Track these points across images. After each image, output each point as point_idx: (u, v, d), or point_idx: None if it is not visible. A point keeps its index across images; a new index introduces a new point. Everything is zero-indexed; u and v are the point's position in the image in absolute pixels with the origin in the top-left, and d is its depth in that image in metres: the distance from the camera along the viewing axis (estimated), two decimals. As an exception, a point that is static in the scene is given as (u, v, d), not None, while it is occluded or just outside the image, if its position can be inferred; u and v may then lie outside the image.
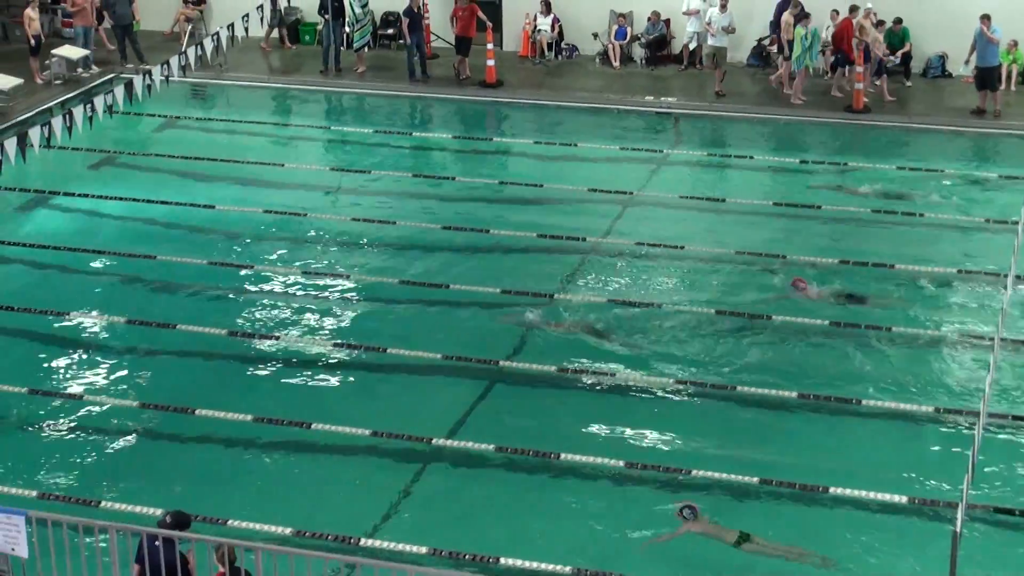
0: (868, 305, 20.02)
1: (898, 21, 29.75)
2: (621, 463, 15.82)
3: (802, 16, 28.34)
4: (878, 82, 29.03)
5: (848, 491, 15.11)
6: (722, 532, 14.63)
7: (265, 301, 20.52)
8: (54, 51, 31.12)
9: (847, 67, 28.92)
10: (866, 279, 20.86)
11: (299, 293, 20.78)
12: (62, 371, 18.64)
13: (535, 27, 31.86)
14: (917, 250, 21.92)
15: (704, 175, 26.04)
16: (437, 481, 15.90)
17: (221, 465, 16.33)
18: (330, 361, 18.77)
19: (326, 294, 20.78)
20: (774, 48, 30.29)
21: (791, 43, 28.65)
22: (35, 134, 22.23)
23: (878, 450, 16.35)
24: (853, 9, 28.78)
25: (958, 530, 11.53)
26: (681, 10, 30.14)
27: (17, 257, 22.29)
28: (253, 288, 20.98)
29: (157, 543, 11.66)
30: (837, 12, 29.17)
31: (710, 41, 29.12)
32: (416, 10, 30.43)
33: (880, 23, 29.33)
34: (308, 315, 20.11)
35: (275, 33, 33.26)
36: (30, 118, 27.95)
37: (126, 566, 11.55)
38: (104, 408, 17.52)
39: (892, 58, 29.54)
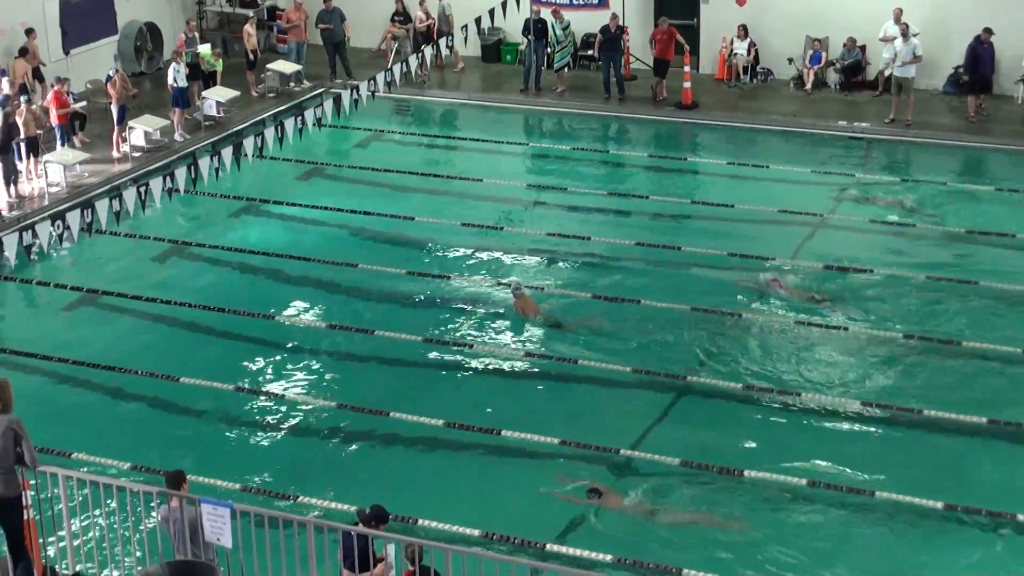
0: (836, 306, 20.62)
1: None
2: (803, 482, 15.98)
3: None
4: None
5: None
6: (635, 506, 15.34)
7: (460, 310, 21.03)
8: (269, 66, 32.14)
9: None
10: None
11: (493, 304, 21.23)
12: (266, 371, 19.43)
13: (731, 51, 31.93)
14: None
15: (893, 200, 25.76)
16: (623, 491, 16.10)
17: (413, 466, 16.87)
18: (521, 370, 19.22)
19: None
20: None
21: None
22: (249, 144, 23.10)
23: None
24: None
25: None
26: (878, 36, 29.91)
27: (228, 261, 23.22)
28: (448, 297, 21.51)
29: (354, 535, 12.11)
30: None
31: (897, 71, 28.83)
32: (613, 30, 30.79)
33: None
34: (501, 325, 20.58)
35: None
36: (244, 129, 28.98)
37: (322, 561, 11.85)
38: (304, 407, 18.25)
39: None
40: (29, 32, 29.09)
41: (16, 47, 28.87)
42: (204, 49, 30.55)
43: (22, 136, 25.35)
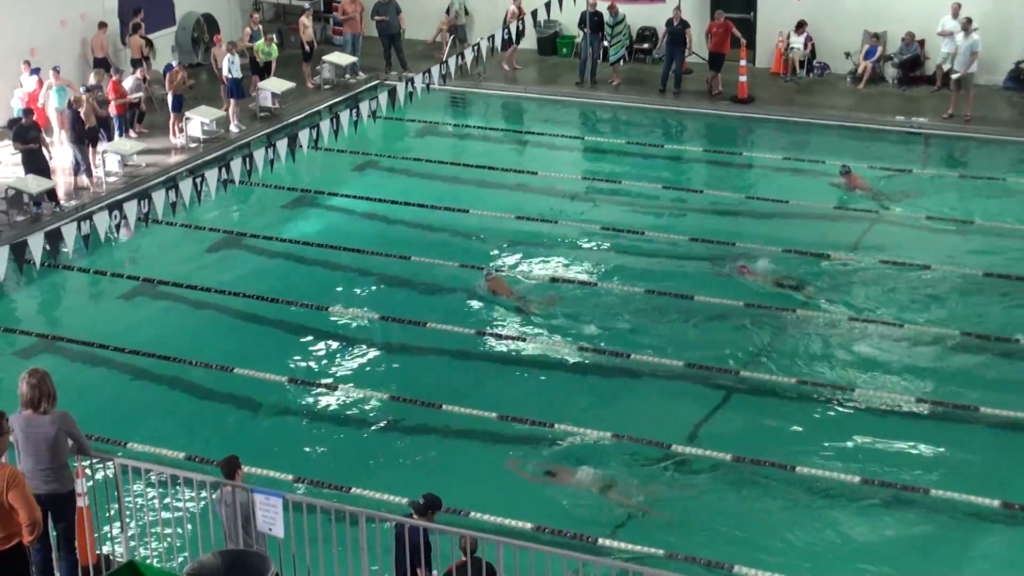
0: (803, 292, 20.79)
1: None
2: (857, 479, 15.90)
3: None
4: None
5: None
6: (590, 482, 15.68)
7: (513, 303, 21.03)
8: (324, 57, 32.27)
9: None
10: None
11: (545, 297, 21.18)
12: (319, 362, 19.51)
13: (788, 45, 31.77)
14: None
15: (951, 196, 25.53)
16: (675, 486, 16.15)
17: (466, 459, 16.91)
18: (575, 364, 19.20)
19: (574, 299, 21.17)
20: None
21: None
22: (304, 136, 23.15)
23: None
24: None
25: None
26: (936, 31, 29.67)
27: (283, 252, 23.35)
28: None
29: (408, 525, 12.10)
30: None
31: (955, 66, 28.57)
32: (676, 24, 30.69)
33: None
34: (553, 319, 20.52)
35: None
36: (300, 120, 29.12)
37: (374, 552, 11.86)
38: (356, 399, 18.32)
39: None
40: (137, 11, 29.68)
41: (77, 37, 29.15)
42: (258, 42, 30.67)
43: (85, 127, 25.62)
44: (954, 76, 28.52)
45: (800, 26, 31.42)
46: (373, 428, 17.69)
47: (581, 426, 17.17)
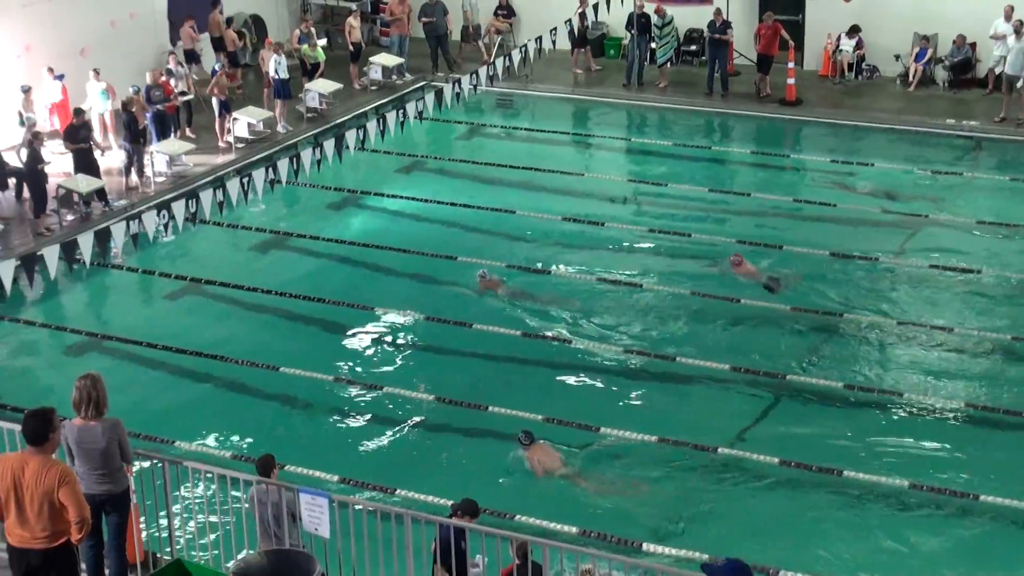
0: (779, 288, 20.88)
1: None
2: (905, 483, 15.77)
3: None
4: None
5: None
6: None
7: (558, 305, 20.97)
8: (372, 58, 32.36)
9: None
10: None
11: (592, 299, 21.18)
12: (364, 362, 19.54)
13: (837, 46, 31.60)
14: None
15: (1002, 200, 25.31)
16: (721, 490, 16.09)
17: (510, 462, 16.75)
18: (620, 367, 19.15)
19: (620, 302, 21.16)
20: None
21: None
22: (351, 136, 23.26)
23: None
24: None
25: None
26: (988, 34, 29.44)
27: (329, 252, 23.40)
28: (547, 292, 21.48)
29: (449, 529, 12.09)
30: None
31: (1007, 69, 28.35)
32: (718, 25, 30.58)
33: None
34: (600, 320, 20.48)
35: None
36: (347, 121, 29.18)
37: (419, 553, 11.84)
38: (401, 399, 18.29)
39: None
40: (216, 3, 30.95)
41: (127, 37, 29.37)
42: (303, 46, 30.75)
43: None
44: (1006, 71, 28.24)
45: (853, 30, 31.23)
46: (419, 429, 17.67)
47: (626, 429, 17.09)
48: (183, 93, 27.90)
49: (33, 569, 10.53)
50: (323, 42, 31.91)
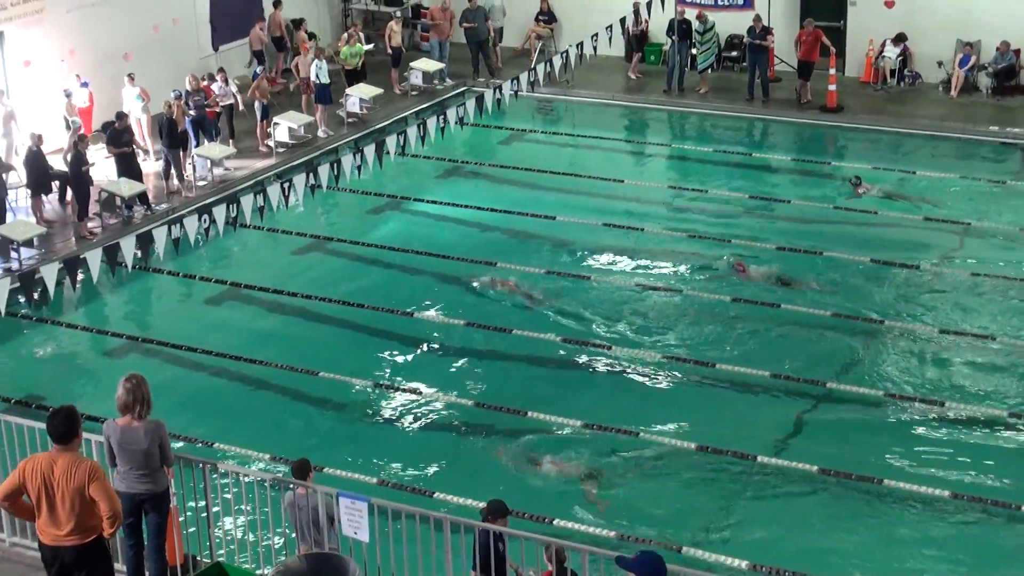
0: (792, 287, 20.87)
1: None
2: (946, 493, 15.67)
3: None
4: None
5: None
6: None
7: (599, 311, 20.94)
8: (412, 63, 32.39)
9: None
10: None
11: (632, 305, 21.15)
12: (404, 367, 19.57)
13: (879, 53, 31.45)
14: None
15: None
16: (759, 497, 16.05)
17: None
18: (659, 373, 19.11)
19: (659, 307, 21.10)
20: None
21: None
22: (391, 142, 23.28)
23: None
24: None
25: None
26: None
27: (369, 257, 23.45)
28: (587, 297, 21.43)
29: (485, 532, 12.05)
30: None
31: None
32: (757, 31, 30.49)
33: None
34: (639, 326, 20.48)
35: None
36: (387, 126, 29.23)
37: (458, 556, 11.80)
38: (441, 405, 18.34)
39: None
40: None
41: (170, 42, 29.55)
42: (343, 49, 30.83)
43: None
44: None
45: (899, 38, 31.07)
46: (458, 434, 17.69)
47: (665, 436, 17.08)
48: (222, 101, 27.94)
49: (67, 566, 10.61)
50: (370, 46, 31.91)
